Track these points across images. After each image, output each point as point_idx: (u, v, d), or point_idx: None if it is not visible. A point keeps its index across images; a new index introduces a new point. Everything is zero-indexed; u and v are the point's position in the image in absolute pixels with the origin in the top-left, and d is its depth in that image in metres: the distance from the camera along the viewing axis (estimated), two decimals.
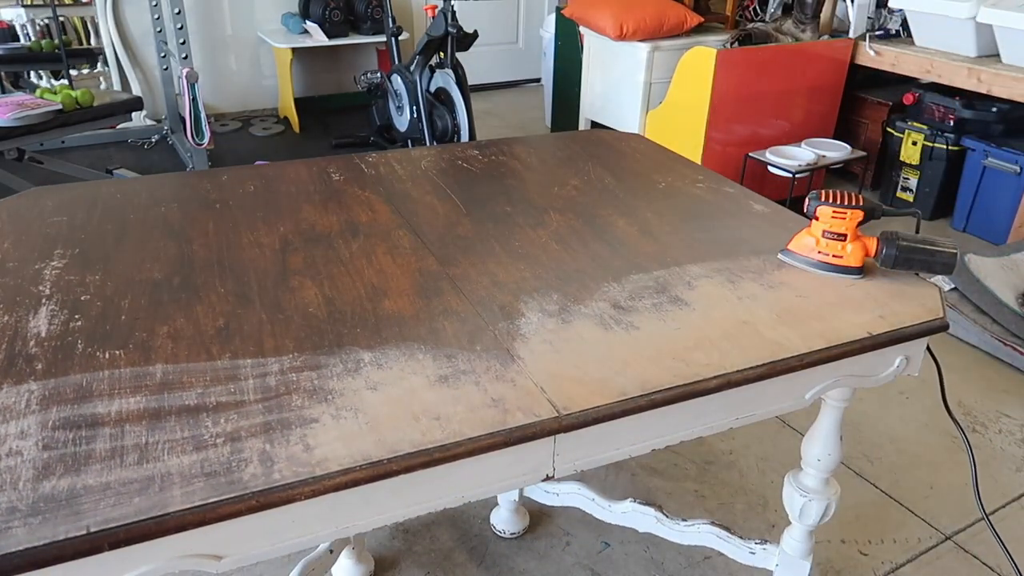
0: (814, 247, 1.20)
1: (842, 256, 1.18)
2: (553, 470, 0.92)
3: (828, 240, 1.19)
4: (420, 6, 5.09)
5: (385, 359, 0.96)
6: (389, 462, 0.80)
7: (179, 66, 3.58)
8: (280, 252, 1.23)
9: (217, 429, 0.82)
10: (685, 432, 1.01)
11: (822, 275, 1.19)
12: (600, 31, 3.93)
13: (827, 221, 1.19)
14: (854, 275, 1.18)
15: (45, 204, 1.40)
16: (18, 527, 0.69)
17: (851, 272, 1.18)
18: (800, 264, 1.21)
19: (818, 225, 1.20)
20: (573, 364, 0.97)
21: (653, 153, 1.77)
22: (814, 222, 1.20)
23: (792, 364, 1.00)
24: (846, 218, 1.17)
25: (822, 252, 1.19)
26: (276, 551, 0.81)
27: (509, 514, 1.82)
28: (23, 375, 0.91)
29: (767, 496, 1.98)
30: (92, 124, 3.23)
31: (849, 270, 1.18)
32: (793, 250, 1.22)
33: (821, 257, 1.19)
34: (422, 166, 1.65)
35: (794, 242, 1.22)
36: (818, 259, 1.20)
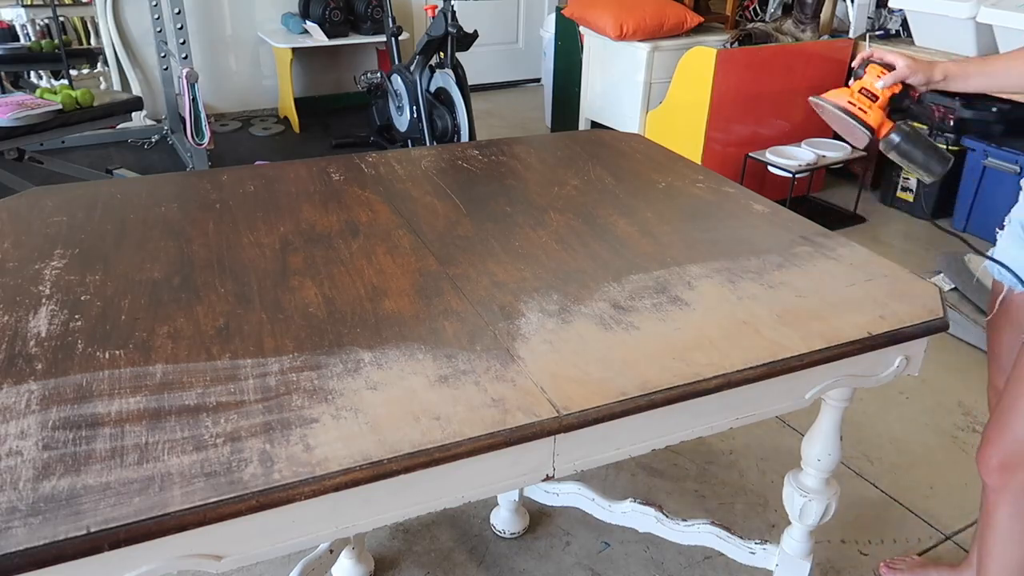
0: (846, 97, 1.28)
1: (866, 112, 1.27)
2: (553, 470, 0.92)
3: (861, 96, 1.28)
4: (420, 6, 5.09)
5: (385, 359, 0.96)
6: (389, 462, 0.80)
7: (179, 66, 3.58)
8: (280, 252, 1.23)
9: (217, 429, 0.82)
10: (685, 432, 1.01)
11: (844, 119, 1.27)
12: (600, 31, 3.93)
13: (872, 79, 1.28)
14: (865, 130, 1.27)
15: (45, 204, 1.40)
16: (18, 527, 0.69)
17: (864, 128, 1.27)
18: (828, 106, 1.29)
19: (858, 83, 1.29)
20: (573, 364, 0.97)
21: (653, 153, 1.77)
22: (854, 81, 1.30)
23: (792, 364, 1.00)
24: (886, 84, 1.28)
25: (851, 102, 1.28)
26: (276, 551, 0.81)
27: (509, 514, 1.82)
28: (23, 375, 0.91)
29: (767, 496, 1.98)
30: (92, 124, 3.23)
31: (863, 125, 1.27)
32: (826, 97, 1.30)
33: (848, 105, 1.28)
34: (422, 166, 1.65)
35: (828, 93, 1.31)
36: (845, 106, 1.28)
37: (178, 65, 3.63)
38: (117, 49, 4.44)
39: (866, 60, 1.31)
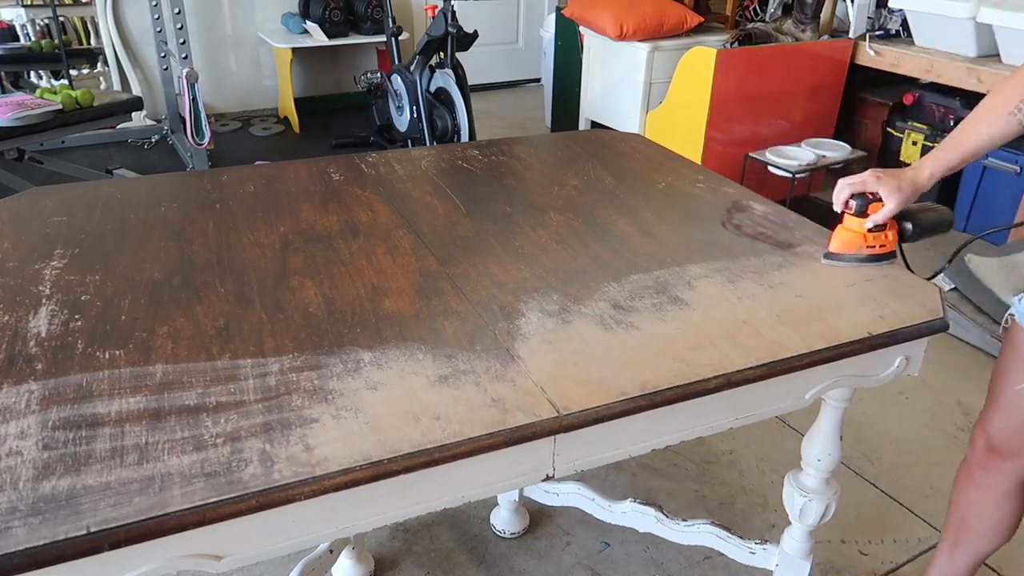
0: (862, 243, 1.21)
1: (886, 244, 1.22)
2: (553, 470, 0.92)
3: (874, 233, 1.21)
4: (420, 6, 5.09)
5: (385, 359, 0.96)
6: (389, 462, 0.80)
7: (179, 66, 3.58)
8: (280, 252, 1.23)
9: (217, 429, 0.82)
10: (685, 432, 1.01)
11: (872, 266, 1.21)
12: (600, 31, 3.93)
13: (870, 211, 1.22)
14: (893, 259, 1.23)
15: (45, 204, 1.40)
16: (18, 527, 0.69)
17: (891, 257, 1.23)
18: (849, 263, 1.22)
19: (859, 221, 1.21)
20: (573, 364, 0.97)
21: (653, 153, 1.77)
22: (850, 218, 1.22)
23: (792, 364, 1.00)
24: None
25: (870, 246, 1.21)
26: (276, 551, 0.81)
27: (509, 514, 1.82)
28: (23, 375, 0.91)
29: (767, 496, 1.98)
30: (92, 124, 3.23)
31: (892, 255, 1.23)
32: (838, 251, 1.23)
33: (870, 251, 1.22)
34: (422, 166, 1.65)
35: (837, 243, 1.23)
36: (867, 252, 1.22)
37: (178, 65, 3.63)
38: (117, 49, 4.44)
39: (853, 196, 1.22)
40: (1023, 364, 1.21)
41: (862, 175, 1.21)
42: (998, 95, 1.16)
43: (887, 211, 1.19)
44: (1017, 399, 1.24)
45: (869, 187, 1.20)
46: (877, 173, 1.20)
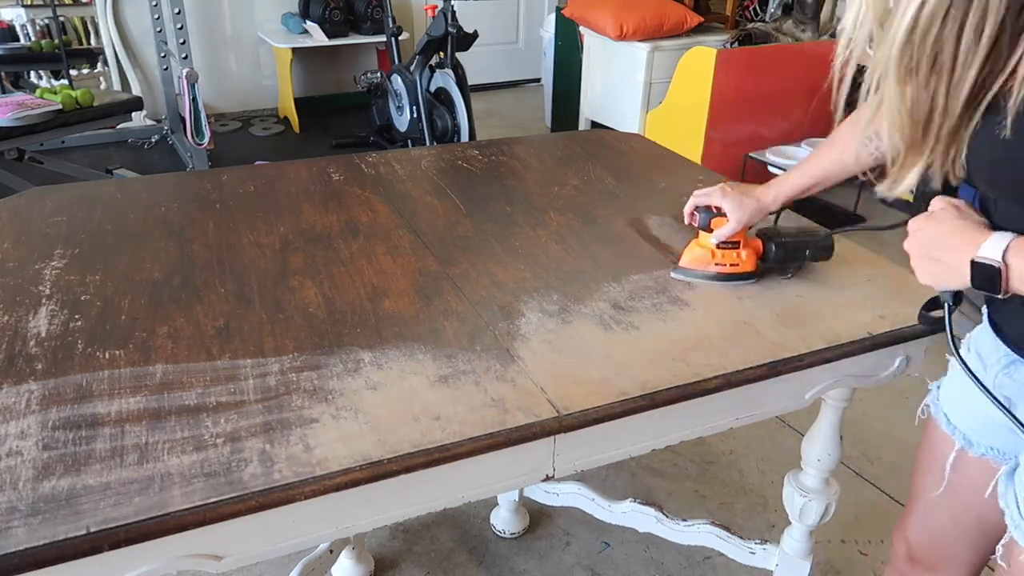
0: (711, 259, 1.16)
1: (739, 263, 1.15)
2: (553, 470, 0.92)
3: (723, 250, 1.15)
4: (420, 6, 5.09)
5: (385, 359, 0.96)
6: (389, 462, 0.80)
7: (179, 66, 3.58)
8: (280, 252, 1.23)
9: (217, 429, 0.82)
10: (685, 432, 1.01)
11: (722, 285, 1.15)
12: (600, 31, 3.93)
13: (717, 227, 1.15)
14: (750, 280, 1.16)
15: (45, 204, 1.40)
16: (18, 527, 0.69)
17: (748, 277, 1.16)
18: (698, 279, 1.16)
19: (708, 236, 1.16)
20: (573, 364, 0.97)
21: (653, 153, 1.77)
22: (703, 234, 1.17)
23: (792, 364, 1.00)
24: None
25: (719, 263, 1.15)
26: (276, 551, 0.81)
27: (509, 514, 1.82)
28: (23, 375, 0.91)
29: (767, 496, 1.98)
30: (92, 124, 3.23)
31: (747, 276, 1.16)
32: (688, 266, 1.17)
33: (719, 268, 1.15)
34: (422, 166, 1.65)
35: (687, 258, 1.18)
36: (716, 270, 1.16)
37: (178, 65, 3.62)
38: (117, 49, 4.44)
39: (698, 208, 1.18)
40: (939, 466, 1.04)
41: (712, 188, 1.17)
42: (852, 123, 1.10)
43: (728, 228, 1.14)
44: (935, 507, 1.08)
45: (714, 201, 1.15)
46: (726, 187, 1.16)
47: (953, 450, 1.00)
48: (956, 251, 0.78)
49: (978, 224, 0.79)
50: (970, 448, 0.98)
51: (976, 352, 0.94)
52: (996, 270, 0.73)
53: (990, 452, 0.96)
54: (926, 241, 0.82)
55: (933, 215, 0.83)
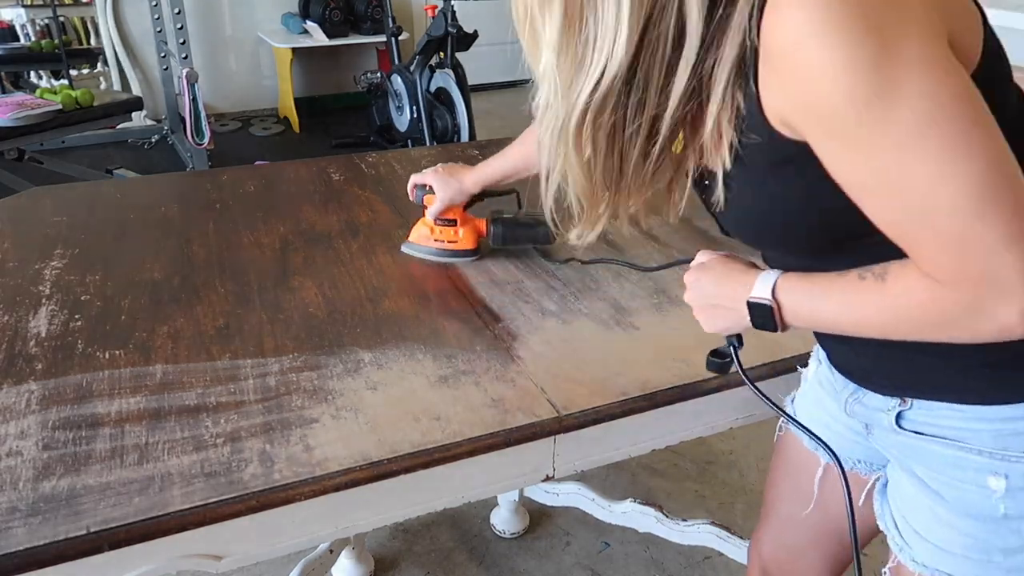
0: (430, 235, 1.21)
1: (456, 240, 1.20)
2: (553, 470, 0.92)
3: (441, 227, 1.20)
4: (420, 6, 5.08)
5: (385, 359, 0.96)
6: (389, 462, 0.80)
7: (179, 66, 3.58)
8: (280, 252, 1.23)
9: (217, 429, 0.82)
10: (685, 432, 1.01)
11: (443, 261, 1.20)
12: None
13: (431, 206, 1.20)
14: (470, 257, 1.21)
15: (45, 204, 1.40)
16: (18, 527, 0.69)
17: (468, 255, 1.21)
18: (422, 254, 1.22)
19: (427, 212, 1.21)
20: (573, 364, 0.97)
21: None
22: (426, 210, 1.21)
23: (792, 364, 1.00)
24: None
25: (438, 240, 1.21)
26: (276, 551, 0.81)
27: (509, 514, 1.82)
28: (23, 375, 0.91)
29: None
30: (92, 124, 3.23)
31: (466, 253, 1.21)
32: (413, 241, 1.23)
33: (438, 244, 1.21)
34: (422, 166, 1.64)
35: (413, 233, 1.23)
36: (435, 246, 1.21)
37: (178, 65, 3.62)
38: (117, 49, 4.44)
39: (416, 185, 1.23)
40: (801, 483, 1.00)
41: (432, 167, 1.22)
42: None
43: (435, 206, 1.19)
44: (794, 522, 1.03)
45: (427, 179, 1.20)
46: (440, 167, 1.21)
47: (820, 467, 0.96)
48: (732, 295, 0.78)
49: (747, 266, 0.80)
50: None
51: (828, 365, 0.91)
52: (769, 308, 0.74)
53: (857, 465, 0.93)
54: (703, 291, 0.82)
55: (704, 265, 0.83)
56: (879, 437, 0.84)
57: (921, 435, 0.76)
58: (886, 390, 0.79)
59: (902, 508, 0.82)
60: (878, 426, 0.83)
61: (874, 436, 0.85)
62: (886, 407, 0.79)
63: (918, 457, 0.78)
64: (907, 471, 0.80)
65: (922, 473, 0.78)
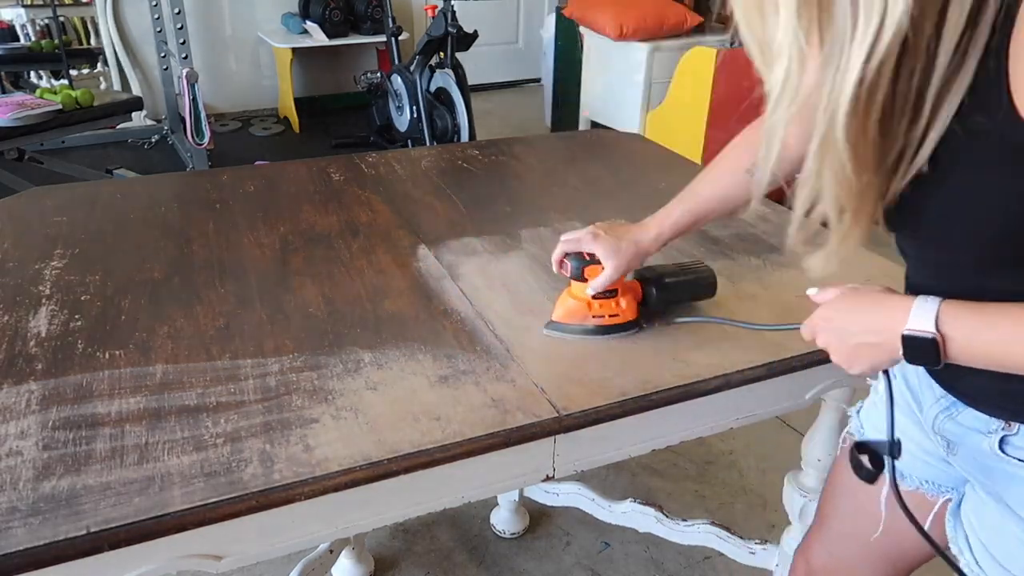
0: (587, 311, 1.02)
1: (619, 313, 1.03)
2: (553, 470, 0.92)
3: (601, 300, 1.02)
4: (420, 6, 5.08)
5: (385, 359, 0.96)
6: (389, 462, 0.80)
7: (179, 66, 3.58)
8: (280, 252, 1.23)
9: (217, 429, 0.82)
10: (685, 432, 1.01)
11: (602, 339, 1.03)
12: (600, 31, 3.93)
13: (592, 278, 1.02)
14: (633, 329, 1.04)
15: (45, 204, 1.40)
16: (18, 527, 0.69)
17: (631, 327, 1.04)
18: (575, 335, 1.03)
19: (581, 286, 1.03)
20: (573, 364, 0.97)
21: (653, 153, 1.77)
22: (575, 283, 1.04)
23: (792, 364, 1.00)
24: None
25: (597, 315, 1.02)
26: (276, 551, 0.81)
27: (509, 514, 1.82)
28: (23, 375, 0.91)
29: (767, 496, 1.98)
30: (92, 124, 3.23)
31: (629, 325, 1.03)
32: (563, 320, 1.03)
33: (597, 321, 1.02)
34: (422, 166, 1.65)
35: (560, 311, 1.04)
36: (595, 323, 1.02)
37: (178, 65, 3.63)
38: (117, 49, 4.44)
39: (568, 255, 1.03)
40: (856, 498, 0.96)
41: (580, 232, 1.03)
42: (731, 153, 1.01)
43: (605, 277, 1.00)
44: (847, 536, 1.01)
45: (585, 247, 1.01)
46: (597, 230, 1.01)
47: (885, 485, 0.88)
48: (877, 328, 0.71)
49: (886, 294, 0.72)
50: (902, 481, 0.90)
51: (903, 379, 0.87)
52: (933, 342, 0.65)
53: (924, 486, 0.90)
54: (841, 329, 0.74)
55: (833, 303, 0.76)
56: (965, 458, 0.79)
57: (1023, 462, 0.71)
58: (994, 411, 0.73)
59: (982, 534, 0.78)
60: (970, 447, 0.77)
61: (958, 456, 0.80)
62: (987, 429, 0.74)
63: (1013, 484, 0.74)
64: (993, 496, 0.76)
65: (1014, 502, 0.73)
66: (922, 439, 0.86)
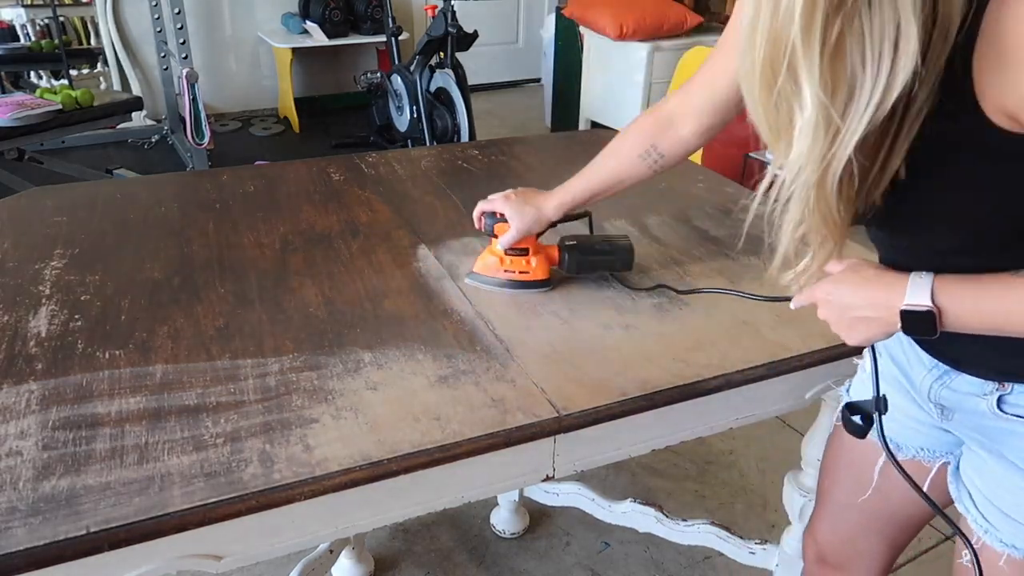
0: (499, 266, 1.12)
1: (528, 271, 1.12)
2: (553, 470, 0.92)
3: (512, 256, 1.11)
4: (420, 6, 5.08)
5: (385, 359, 0.96)
6: (389, 462, 0.80)
7: (179, 66, 3.58)
8: (280, 252, 1.23)
9: (217, 429, 0.82)
10: (685, 432, 1.01)
11: (512, 292, 1.12)
12: (600, 31, 3.93)
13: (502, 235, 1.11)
14: (543, 288, 1.13)
15: (45, 204, 1.40)
16: (18, 527, 0.69)
17: (540, 285, 1.13)
18: (489, 286, 1.13)
19: (496, 243, 1.12)
20: (573, 364, 0.97)
21: None
22: (493, 239, 1.13)
23: (792, 364, 1.00)
24: None
25: (508, 270, 1.12)
26: (276, 551, 0.81)
27: (509, 514, 1.82)
28: (23, 375, 0.91)
29: (767, 496, 1.98)
30: (92, 124, 3.23)
31: (538, 283, 1.12)
32: (480, 272, 1.14)
33: (508, 275, 1.12)
34: (422, 166, 1.65)
35: (479, 263, 1.14)
36: (505, 277, 1.12)
37: (178, 65, 3.63)
38: (117, 49, 4.44)
39: (484, 213, 1.13)
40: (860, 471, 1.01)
41: (499, 194, 1.12)
42: (628, 136, 1.08)
43: (509, 236, 1.09)
44: (850, 509, 1.06)
45: (497, 206, 1.10)
46: (510, 193, 1.11)
47: (881, 456, 0.96)
48: (876, 303, 0.75)
49: (882, 271, 0.77)
50: (898, 452, 0.95)
51: (890, 357, 0.91)
52: (930, 314, 0.71)
53: (920, 453, 0.95)
54: (841, 302, 0.79)
55: (835, 277, 0.80)
56: (961, 422, 0.84)
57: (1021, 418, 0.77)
58: (988, 374, 0.79)
59: (986, 490, 0.83)
60: (966, 410, 0.83)
61: (953, 421, 0.85)
62: (982, 391, 0.80)
63: (1012, 439, 0.79)
64: (994, 453, 0.81)
65: (1014, 456, 0.79)
66: (914, 411, 0.91)
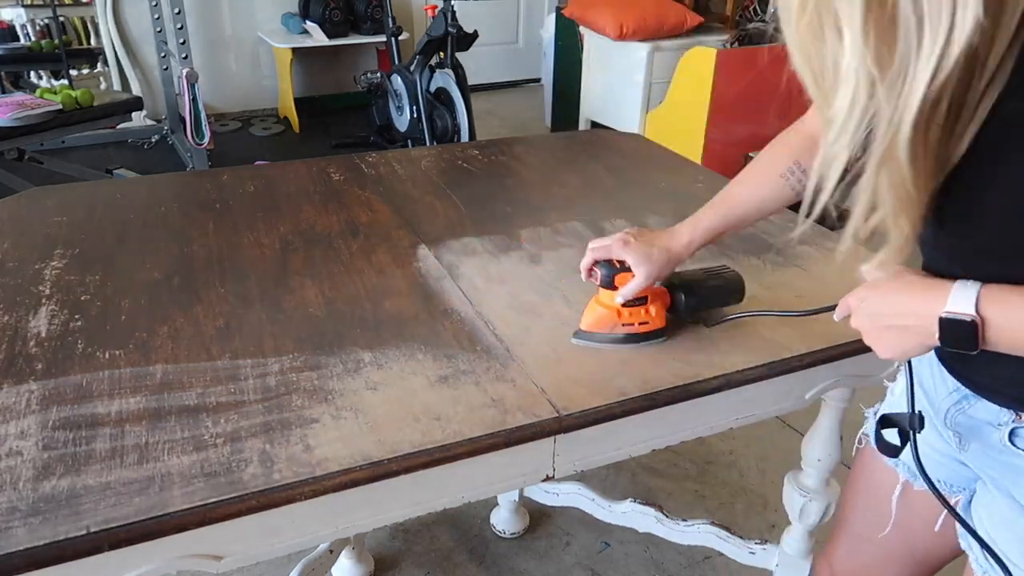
0: (616, 319, 1.00)
1: (648, 320, 1.01)
2: (553, 470, 0.92)
3: (630, 308, 1.00)
4: (420, 6, 5.09)
5: (385, 359, 0.96)
6: (389, 462, 0.80)
7: (179, 66, 3.58)
8: (280, 252, 1.23)
9: (217, 429, 0.82)
10: (685, 432, 1.01)
11: (632, 348, 1.01)
12: (600, 31, 3.93)
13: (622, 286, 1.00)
14: (662, 338, 1.02)
15: (45, 204, 1.40)
16: (18, 527, 0.69)
17: (660, 335, 1.02)
18: (604, 343, 1.00)
19: (610, 294, 1.00)
20: (573, 364, 0.97)
21: (653, 153, 1.77)
22: (603, 291, 1.01)
23: (792, 364, 1.00)
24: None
25: (627, 323, 1.00)
26: (276, 551, 0.81)
27: (509, 514, 1.82)
28: (23, 375, 0.91)
29: (767, 496, 1.98)
30: (92, 124, 3.23)
31: (658, 333, 1.02)
32: (592, 329, 1.01)
33: (627, 329, 1.00)
34: (422, 166, 1.65)
35: (588, 320, 1.01)
36: (624, 331, 1.00)
37: (178, 65, 3.63)
38: (117, 49, 4.44)
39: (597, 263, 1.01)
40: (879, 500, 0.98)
41: (610, 238, 1.00)
42: (768, 155, 0.99)
43: (635, 285, 0.97)
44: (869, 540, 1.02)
45: (615, 253, 0.99)
46: (627, 237, 0.98)
47: (898, 484, 0.93)
48: (913, 311, 0.69)
49: (926, 278, 0.70)
50: (915, 481, 0.92)
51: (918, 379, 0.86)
52: (972, 324, 0.64)
53: (938, 485, 0.88)
54: (874, 310, 0.74)
55: (871, 283, 0.74)
56: (976, 453, 0.79)
57: None
58: (1008, 403, 0.73)
59: (992, 531, 0.78)
60: (981, 441, 0.78)
61: (969, 452, 0.80)
62: (997, 421, 0.74)
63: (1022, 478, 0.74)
64: (1003, 492, 0.76)
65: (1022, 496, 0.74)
66: (935, 439, 0.86)
